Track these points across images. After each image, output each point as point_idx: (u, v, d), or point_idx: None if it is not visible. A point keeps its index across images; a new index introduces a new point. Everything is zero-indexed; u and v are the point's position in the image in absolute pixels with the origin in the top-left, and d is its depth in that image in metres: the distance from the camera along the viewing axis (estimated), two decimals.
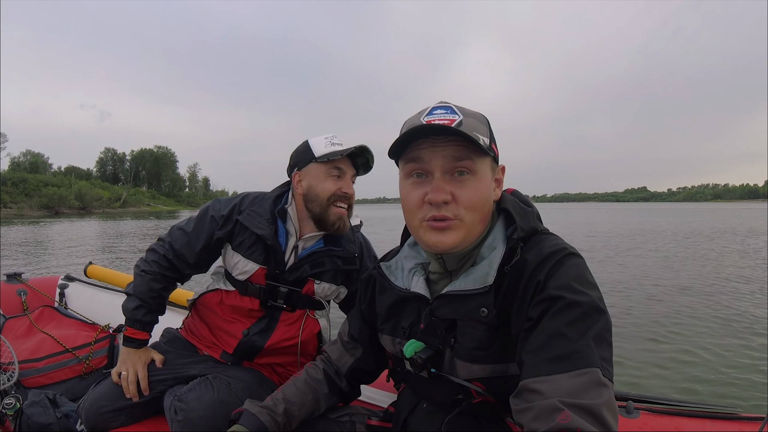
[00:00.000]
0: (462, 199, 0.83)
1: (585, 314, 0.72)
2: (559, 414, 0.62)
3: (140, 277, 1.48)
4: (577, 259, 0.80)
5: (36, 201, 56.45)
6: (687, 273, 8.97)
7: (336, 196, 1.42)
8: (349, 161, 1.46)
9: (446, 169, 0.83)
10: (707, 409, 1.14)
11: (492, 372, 0.84)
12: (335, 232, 1.46)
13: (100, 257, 11.87)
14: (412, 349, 0.89)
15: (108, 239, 18.04)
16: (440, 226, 0.83)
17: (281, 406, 1.02)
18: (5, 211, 49.98)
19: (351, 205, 1.47)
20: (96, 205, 65.97)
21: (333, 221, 1.43)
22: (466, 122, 0.83)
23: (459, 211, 0.83)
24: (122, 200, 75.56)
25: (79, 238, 18.13)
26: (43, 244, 15.43)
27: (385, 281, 0.99)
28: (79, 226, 28.20)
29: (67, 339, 1.92)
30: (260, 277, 1.46)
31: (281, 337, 1.47)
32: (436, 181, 0.83)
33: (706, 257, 11.47)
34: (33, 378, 1.74)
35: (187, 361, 1.48)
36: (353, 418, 1.11)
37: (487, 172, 0.86)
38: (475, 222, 0.85)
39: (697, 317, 5.55)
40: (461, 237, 0.84)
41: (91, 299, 2.43)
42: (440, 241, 0.84)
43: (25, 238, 17.44)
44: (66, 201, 59.24)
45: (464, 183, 0.83)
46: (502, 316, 0.81)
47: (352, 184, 1.48)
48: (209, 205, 1.55)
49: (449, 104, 0.87)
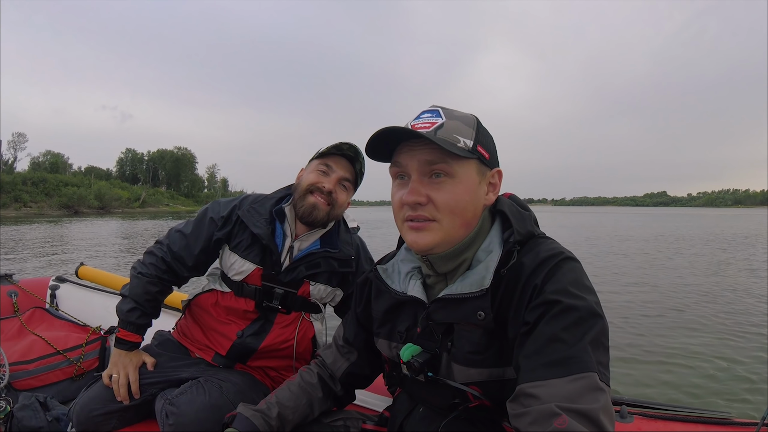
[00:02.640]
0: (437, 201, 0.84)
1: (582, 319, 0.72)
2: (557, 419, 0.62)
3: (136, 279, 1.46)
4: (574, 263, 0.80)
5: (56, 200, 56.68)
6: (703, 279, 8.98)
7: (314, 186, 1.42)
8: (344, 163, 1.46)
9: (422, 172, 0.85)
10: (701, 414, 1.15)
11: (489, 376, 0.84)
12: (310, 222, 1.44)
13: (100, 258, 11.78)
14: (408, 352, 0.89)
15: (117, 239, 17.91)
16: (416, 226, 0.85)
17: (275, 410, 1.01)
18: (25, 210, 49.95)
19: (332, 203, 1.44)
20: (115, 205, 65.99)
21: (306, 209, 1.42)
22: (448, 125, 0.84)
23: (435, 213, 0.84)
24: (141, 200, 75.36)
25: (78, 239, 17.96)
26: (46, 244, 15.31)
27: (382, 284, 0.99)
28: (97, 225, 28.06)
29: (58, 341, 1.90)
30: (256, 278, 1.45)
31: (276, 339, 1.46)
32: (412, 183, 0.85)
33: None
34: (24, 380, 1.72)
35: (179, 364, 1.47)
36: (347, 422, 1.10)
37: (468, 176, 0.85)
38: (454, 225, 0.85)
39: (698, 321, 5.59)
40: (438, 238, 0.85)
41: (82, 301, 2.41)
42: (415, 241, 0.86)
43: (25, 239, 17.26)
44: (85, 201, 59.49)
45: (440, 185, 0.84)
46: (499, 319, 0.81)
47: (339, 185, 1.45)
48: (208, 207, 1.54)
49: (437, 108, 0.88)
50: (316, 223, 1.44)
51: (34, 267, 9.85)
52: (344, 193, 1.47)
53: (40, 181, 60.06)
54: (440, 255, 0.88)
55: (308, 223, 1.44)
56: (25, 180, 58.27)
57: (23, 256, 11.91)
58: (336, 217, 1.50)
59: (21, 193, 53.77)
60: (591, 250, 14.31)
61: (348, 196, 1.49)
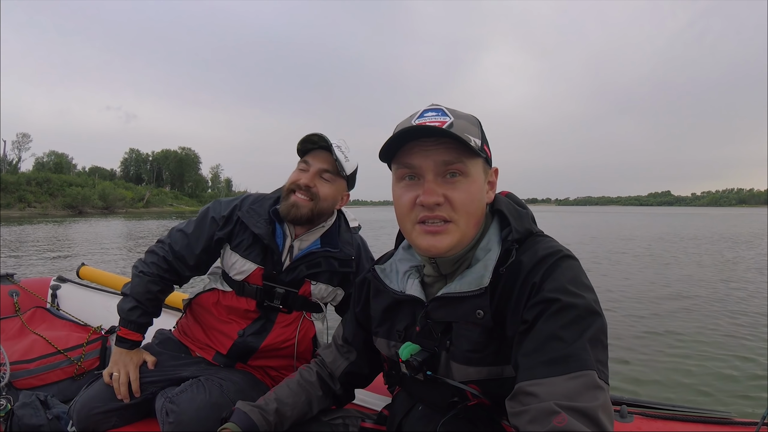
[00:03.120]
0: (455, 201, 0.83)
1: (580, 317, 0.72)
2: (556, 417, 0.62)
3: (138, 278, 1.47)
4: (572, 262, 0.80)
5: (60, 201, 56.83)
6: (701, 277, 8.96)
7: (295, 185, 1.43)
8: (322, 155, 1.44)
9: (438, 171, 0.84)
10: (701, 413, 1.14)
11: (487, 374, 0.84)
12: (293, 220, 1.44)
13: (104, 257, 11.81)
14: (407, 351, 0.89)
15: (121, 239, 17.94)
16: (432, 230, 0.84)
17: (273, 406, 1.02)
18: (29, 210, 50.08)
19: (314, 197, 1.43)
20: (119, 205, 66.10)
21: (285, 208, 1.42)
22: (457, 124, 0.84)
23: (452, 214, 0.83)
24: (145, 200, 75.41)
25: (82, 239, 18.03)
26: (49, 244, 15.37)
27: (380, 284, 0.99)
28: (101, 225, 28.13)
29: (59, 340, 1.91)
30: (257, 277, 1.46)
31: (276, 338, 1.47)
32: (428, 183, 0.83)
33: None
34: (25, 379, 1.73)
35: (179, 363, 1.47)
36: (346, 420, 1.10)
37: (479, 174, 0.86)
38: (469, 225, 0.85)
39: (699, 321, 5.58)
40: (455, 240, 0.84)
41: (83, 300, 2.41)
42: (433, 245, 0.84)
43: (29, 239, 17.35)
44: (89, 201, 59.62)
45: (456, 185, 0.83)
46: (498, 318, 0.81)
47: (320, 178, 1.44)
48: (209, 206, 1.54)
49: (440, 106, 0.88)
50: (300, 220, 1.43)
51: (37, 267, 9.88)
52: (327, 185, 1.44)
53: (44, 181, 60.22)
54: (450, 257, 0.88)
55: (292, 221, 1.44)
56: (29, 180, 58.45)
57: (27, 256, 11.95)
58: (324, 211, 1.46)
59: (25, 194, 53.98)
60: (597, 250, 14.29)
61: (333, 187, 1.46)
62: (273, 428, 1.00)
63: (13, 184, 53.30)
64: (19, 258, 11.44)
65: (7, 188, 51.27)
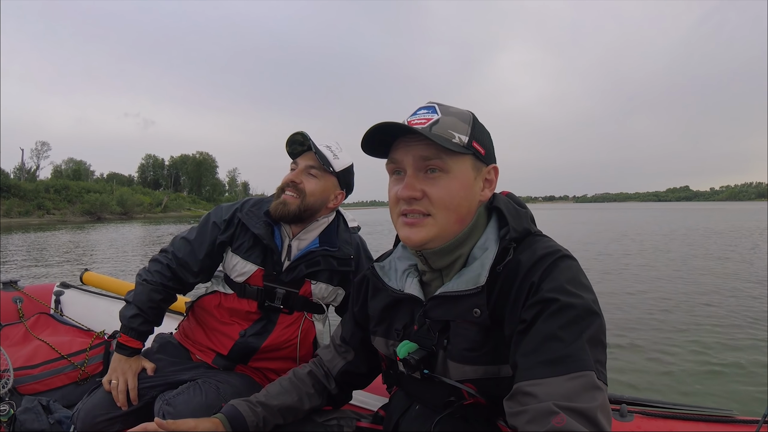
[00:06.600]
0: (432, 196, 0.84)
1: (579, 317, 0.72)
2: (554, 417, 0.63)
3: (141, 286, 1.48)
4: (570, 261, 0.80)
5: (78, 207, 56.86)
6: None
7: (285, 184, 1.46)
8: (308, 154, 1.47)
9: (417, 167, 0.85)
10: (701, 411, 1.14)
11: (484, 373, 0.84)
12: (282, 217, 1.45)
13: (103, 264, 11.94)
14: (405, 350, 0.89)
15: (139, 245, 18.03)
16: (410, 222, 0.86)
17: (261, 398, 1.04)
18: (48, 217, 50.73)
19: (300, 193, 1.44)
20: (137, 210, 65.97)
21: (276, 206, 1.45)
22: (443, 121, 0.85)
23: (430, 208, 0.85)
24: (163, 205, 75.52)
25: (105, 245, 18.14)
26: (71, 250, 15.56)
27: (379, 282, 1.00)
28: (120, 231, 28.37)
29: (63, 346, 1.92)
30: (258, 278, 1.47)
31: (278, 339, 1.48)
32: (408, 178, 0.86)
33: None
34: (28, 385, 1.74)
35: (179, 368, 1.48)
36: (341, 421, 1.11)
37: (464, 172, 0.86)
38: (449, 220, 0.86)
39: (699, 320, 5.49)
40: (432, 234, 0.85)
41: (86, 306, 2.43)
42: (409, 237, 0.86)
43: (24, 245, 17.57)
44: (108, 207, 59.51)
45: (435, 180, 0.85)
46: (495, 317, 0.82)
47: (306, 174, 1.46)
48: (211, 212, 1.57)
49: (433, 104, 0.89)
50: (288, 217, 1.44)
51: (43, 273, 9.98)
52: (314, 180, 1.46)
53: (63, 188, 60.56)
54: (434, 250, 0.88)
55: (281, 218, 1.46)
56: (47, 188, 58.77)
57: (33, 262, 12.04)
58: (312, 206, 1.47)
59: (44, 201, 54.24)
60: (603, 249, 14.13)
61: (320, 183, 1.47)
62: (260, 420, 1.01)
63: (32, 192, 53.79)
64: (25, 264, 11.55)
65: (26, 196, 51.97)
